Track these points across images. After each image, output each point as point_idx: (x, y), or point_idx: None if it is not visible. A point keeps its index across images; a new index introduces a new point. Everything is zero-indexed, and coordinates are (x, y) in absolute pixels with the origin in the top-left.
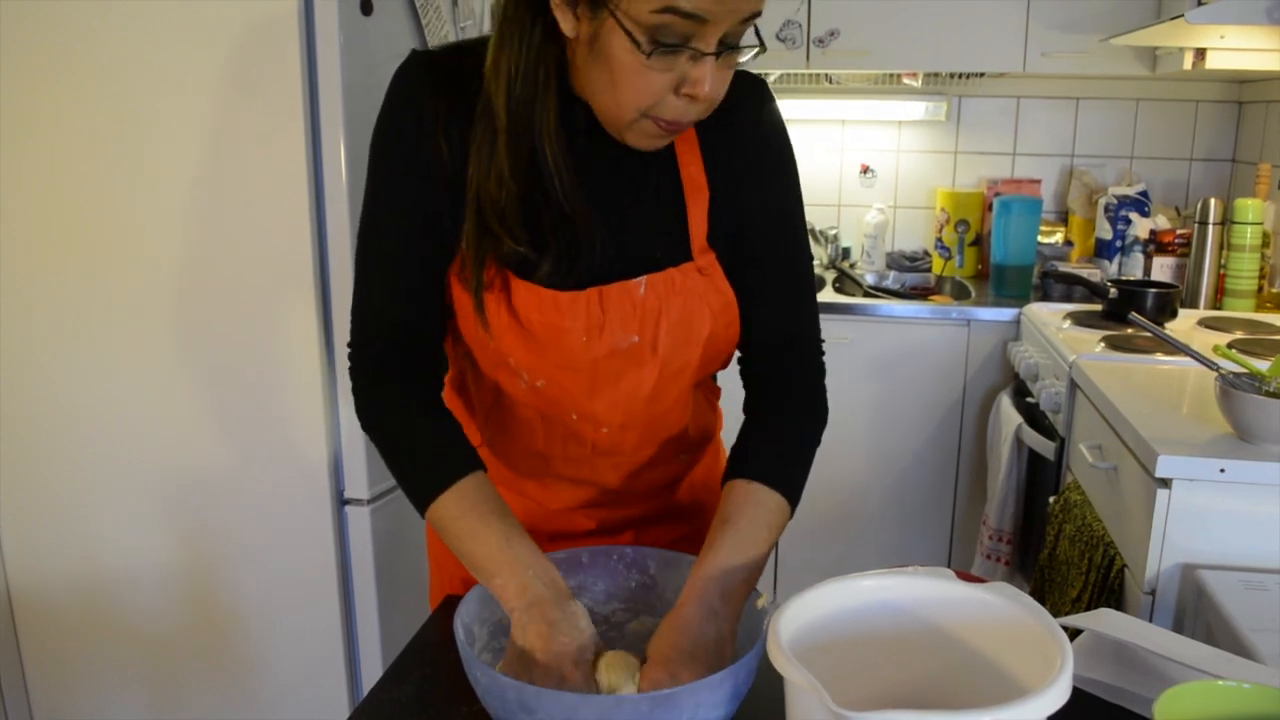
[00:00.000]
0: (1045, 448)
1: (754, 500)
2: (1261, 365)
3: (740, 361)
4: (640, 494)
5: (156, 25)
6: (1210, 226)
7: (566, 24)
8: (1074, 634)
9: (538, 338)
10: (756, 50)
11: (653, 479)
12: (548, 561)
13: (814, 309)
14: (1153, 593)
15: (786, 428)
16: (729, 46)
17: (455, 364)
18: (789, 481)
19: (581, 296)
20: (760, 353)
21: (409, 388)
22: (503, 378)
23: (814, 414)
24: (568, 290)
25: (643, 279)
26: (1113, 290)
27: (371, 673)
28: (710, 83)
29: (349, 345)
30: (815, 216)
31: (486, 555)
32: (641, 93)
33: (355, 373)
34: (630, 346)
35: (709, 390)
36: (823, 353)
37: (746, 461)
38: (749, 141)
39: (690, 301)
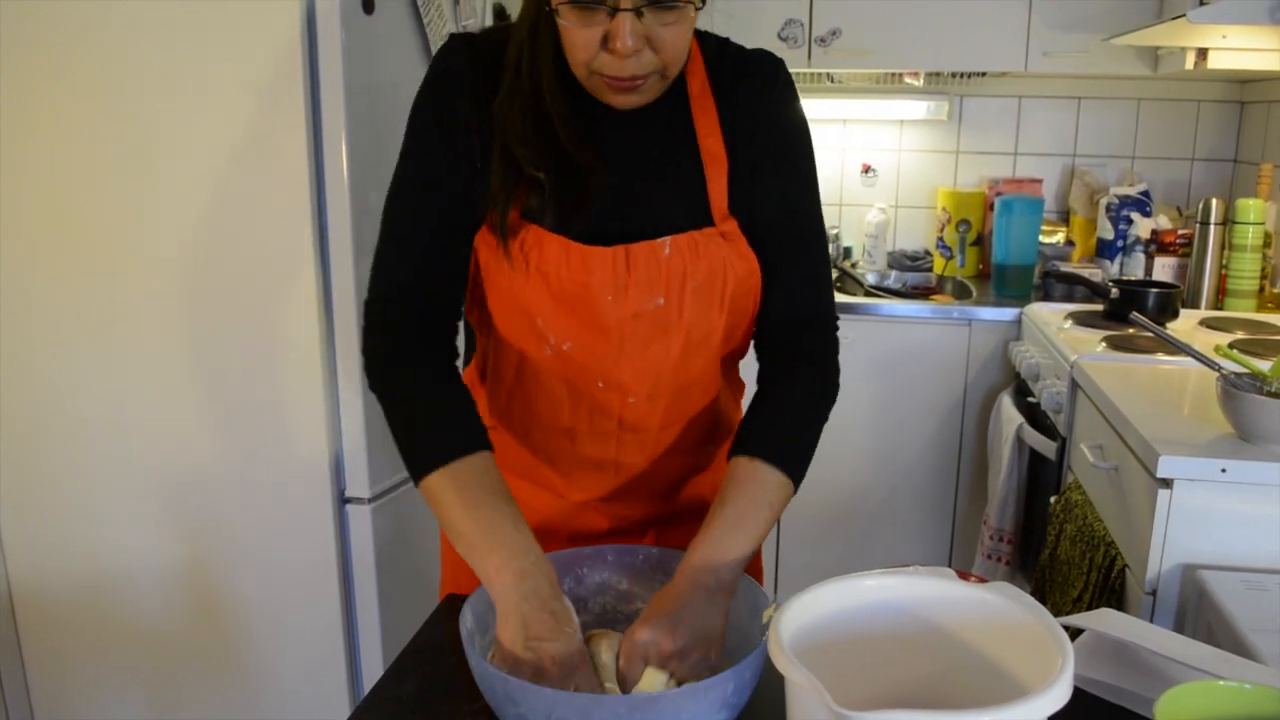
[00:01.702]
0: (1046, 448)
1: (755, 479)
2: (1263, 365)
3: (755, 337)
4: (662, 487)
5: (158, 24)
6: (1212, 226)
7: None
8: (1075, 634)
9: (565, 295)
10: (693, 7)
11: (676, 467)
12: (544, 554)
13: (828, 287)
14: (1154, 593)
15: (794, 403)
16: (656, 2)
17: (480, 352)
18: (792, 459)
19: (608, 253)
20: (774, 329)
21: (421, 352)
22: (529, 346)
23: (824, 389)
24: (594, 246)
25: (667, 240)
26: (1114, 290)
27: (372, 671)
28: (626, 37)
29: (365, 304)
30: None
31: (485, 532)
32: (575, 48)
33: (368, 331)
34: (656, 310)
35: (734, 383)
36: (837, 329)
37: (750, 438)
38: (762, 116)
39: (714, 265)
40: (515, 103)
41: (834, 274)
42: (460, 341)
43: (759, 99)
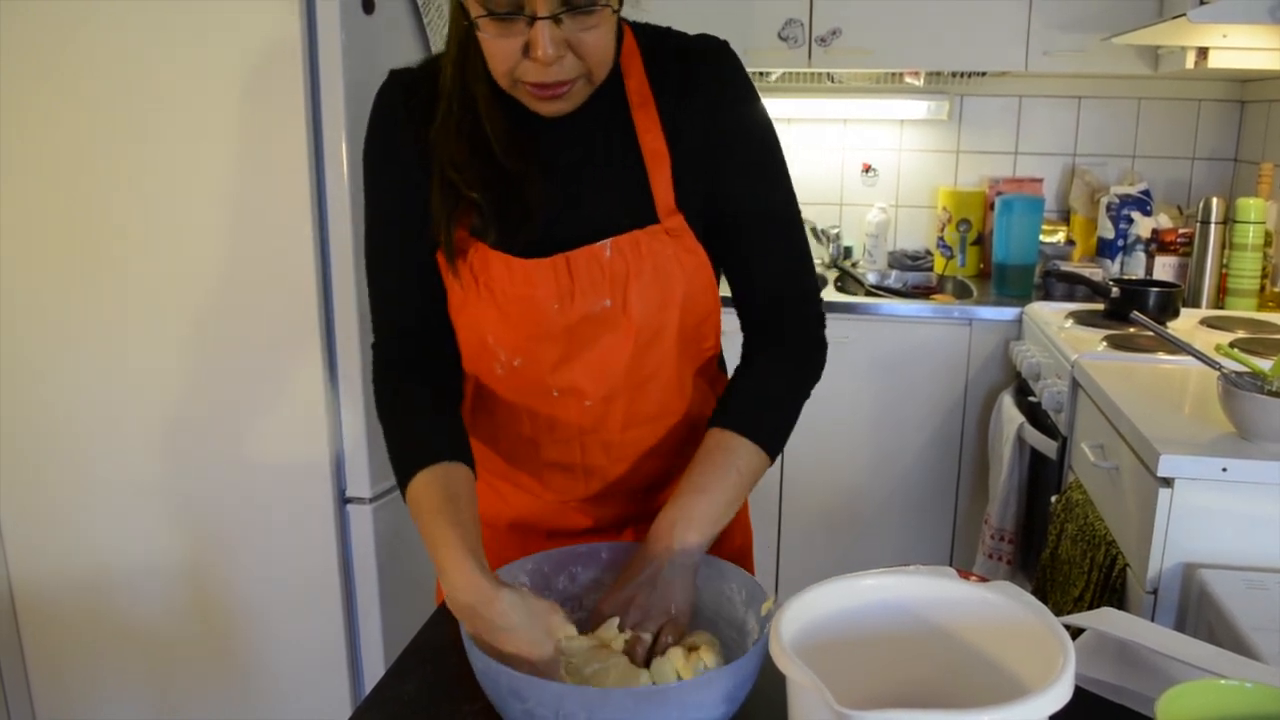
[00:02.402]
0: (1047, 447)
1: (723, 447)
2: (1263, 364)
3: (740, 316)
4: (638, 489)
5: (158, 25)
6: (1212, 226)
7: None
8: (1076, 633)
9: (511, 310)
10: (612, 8)
11: (650, 470)
12: (474, 566)
13: (807, 264)
14: (1154, 592)
15: (771, 375)
16: (574, 7)
17: None
18: (763, 430)
19: (547, 264)
20: (756, 311)
21: (419, 381)
22: (481, 365)
23: (806, 362)
24: (534, 258)
25: (607, 242)
26: (1115, 289)
27: (374, 671)
28: (546, 45)
29: (372, 347)
30: (817, 215)
31: (432, 551)
32: (495, 58)
33: (374, 369)
34: (602, 311)
35: (713, 379)
36: (820, 302)
37: (723, 410)
38: (711, 106)
39: (660, 263)
40: (450, 127)
41: (835, 273)
42: None
43: (707, 88)
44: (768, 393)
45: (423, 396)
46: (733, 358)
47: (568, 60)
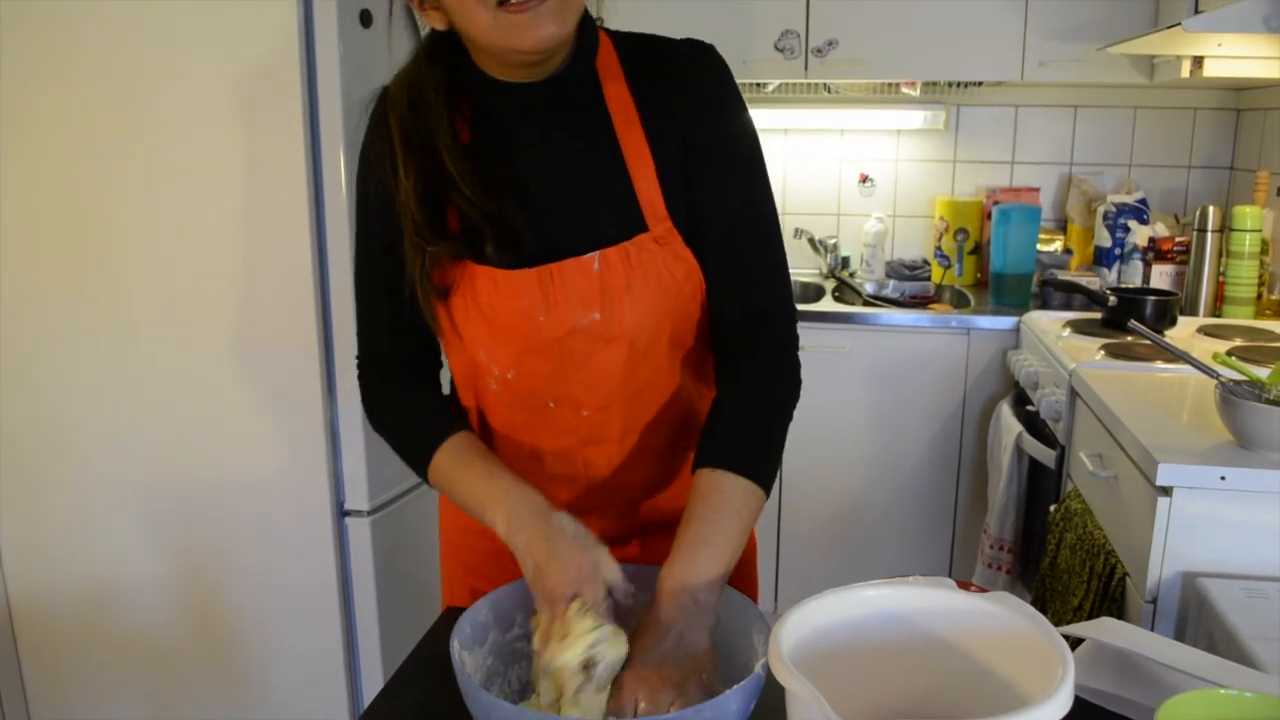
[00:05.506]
0: (1046, 456)
1: (719, 491)
2: (1261, 373)
3: (712, 330)
4: (640, 495)
5: (158, 37)
6: (1209, 234)
7: (438, 21)
8: (1075, 643)
9: (500, 324)
10: None
11: (650, 475)
12: (530, 487)
13: (782, 280)
14: (1154, 601)
15: (753, 406)
16: None
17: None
18: (756, 465)
19: (532, 274)
20: (728, 326)
21: (412, 391)
22: (479, 382)
23: (784, 387)
24: (519, 270)
25: (595, 254)
26: (1112, 298)
27: (372, 684)
28: None
29: (357, 360)
30: (814, 226)
31: (472, 493)
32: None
33: (363, 383)
34: (592, 324)
35: (704, 382)
36: (794, 323)
37: (711, 449)
38: (694, 109)
39: (650, 274)
40: (412, 173)
41: (833, 284)
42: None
43: (690, 92)
44: (756, 426)
45: (412, 392)
46: None
47: None
